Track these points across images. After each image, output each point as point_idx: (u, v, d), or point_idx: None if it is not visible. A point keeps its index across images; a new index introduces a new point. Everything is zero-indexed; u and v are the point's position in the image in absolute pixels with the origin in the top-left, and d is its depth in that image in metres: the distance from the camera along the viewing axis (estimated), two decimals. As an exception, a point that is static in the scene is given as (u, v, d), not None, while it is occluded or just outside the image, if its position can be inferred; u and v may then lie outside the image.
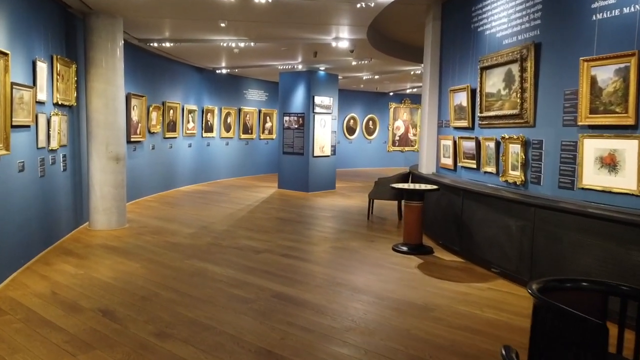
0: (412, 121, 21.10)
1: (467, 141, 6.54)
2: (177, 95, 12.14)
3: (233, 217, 8.75)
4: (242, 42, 9.09)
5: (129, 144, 9.66)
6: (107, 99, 7.28)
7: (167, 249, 6.35)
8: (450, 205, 6.45)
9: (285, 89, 12.65)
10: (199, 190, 12.35)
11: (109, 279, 5.05)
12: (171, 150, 11.94)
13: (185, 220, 8.39)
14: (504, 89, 5.70)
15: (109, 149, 7.33)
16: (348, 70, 12.84)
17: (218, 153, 14.37)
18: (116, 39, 7.39)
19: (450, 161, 7.06)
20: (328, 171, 12.75)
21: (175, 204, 10.10)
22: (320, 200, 11.10)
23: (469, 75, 6.51)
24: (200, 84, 13.40)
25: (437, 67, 7.52)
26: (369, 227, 8.14)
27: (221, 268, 5.54)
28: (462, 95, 6.62)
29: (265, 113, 16.13)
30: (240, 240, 6.90)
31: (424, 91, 7.77)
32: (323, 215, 9.13)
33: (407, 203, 6.41)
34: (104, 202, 7.38)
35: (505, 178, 5.67)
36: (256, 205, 10.09)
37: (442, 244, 6.72)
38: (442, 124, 7.38)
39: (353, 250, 6.52)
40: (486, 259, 5.68)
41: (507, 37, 5.70)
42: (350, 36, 8.66)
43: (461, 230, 6.15)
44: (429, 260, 6.05)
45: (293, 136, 12.48)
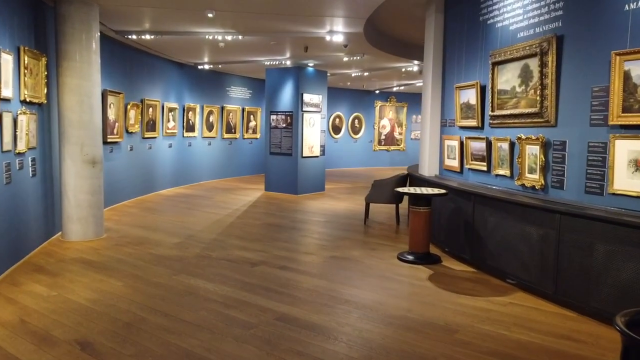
0: (397, 120, 20.74)
1: (475, 142, 6.11)
2: (157, 92, 11.48)
3: (221, 223, 8.18)
4: (229, 35, 8.51)
5: (106, 145, 8.99)
6: (81, 96, 6.64)
7: (151, 263, 5.76)
8: (458, 210, 6.02)
9: (272, 86, 12.09)
10: (181, 193, 11.71)
11: (86, 302, 4.45)
12: (150, 151, 11.28)
13: (169, 228, 7.79)
14: (519, 86, 5.28)
15: (84, 151, 6.69)
16: (338, 66, 12.35)
17: (200, 154, 13.73)
18: (91, 29, 6.74)
19: (456, 163, 6.62)
20: (317, 172, 12.25)
21: (156, 210, 9.46)
22: (310, 203, 10.58)
23: (477, 71, 6.08)
24: (181, 80, 12.75)
25: (439, 62, 7.08)
26: (367, 233, 7.67)
27: (214, 285, 4.98)
28: (470, 93, 6.18)
29: (249, 111, 15.54)
30: (232, 251, 6.35)
31: (425, 88, 7.32)
32: (316, 220, 8.63)
33: (412, 209, 5.95)
34: (79, 210, 6.73)
35: (521, 182, 5.24)
36: (244, 210, 9.53)
37: (449, 252, 6.28)
38: (447, 123, 6.94)
39: (355, 260, 6.03)
40: (501, 269, 5.26)
41: (523, 29, 5.27)
42: (345, 29, 8.16)
43: (472, 237, 5.72)
44: (438, 271, 5.60)
45: (281, 136, 11.93)
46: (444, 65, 7.03)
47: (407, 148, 20.95)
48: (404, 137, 20.93)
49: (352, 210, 9.61)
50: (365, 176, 16.65)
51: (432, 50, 7.08)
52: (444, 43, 7.01)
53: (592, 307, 4.17)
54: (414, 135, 21.10)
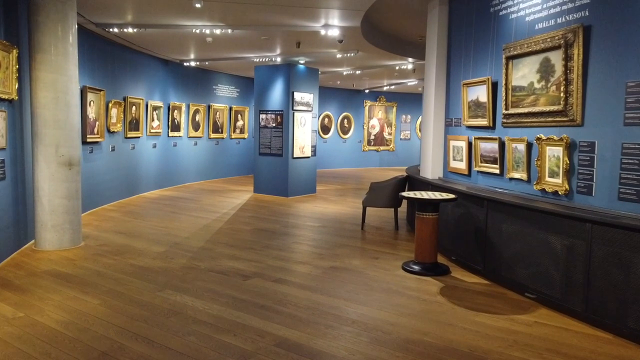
0: (387, 120, 20.34)
1: (486, 142, 5.67)
2: (141, 90, 10.87)
3: (209, 229, 7.63)
4: (218, 29, 7.97)
5: (85, 145, 8.40)
6: (57, 92, 6.06)
7: (133, 276, 5.21)
8: (468, 216, 5.57)
9: (262, 84, 11.56)
10: (165, 196, 11.11)
11: (57, 325, 3.89)
12: (134, 151, 10.67)
13: (152, 234, 7.22)
14: (538, 82, 4.84)
15: (60, 152, 6.11)
16: (329, 64, 11.86)
17: (186, 154, 13.14)
18: (68, 19, 6.15)
19: (463, 165, 6.18)
20: (308, 174, 11.75)
21: (139, 214, 8.88)
22: (302, 206, 10.08)
23: (488, 66, 5.64)
24: (166, 77, 12.15)
25: (444, 58, 6.63)
26: (366, 239, 7.19)
27: (204, 302, 4.46)
28: (479, 90, 5.74)
29: (236, 110, 14.97)
30: (222, 261, 5.82)
31: (428, 86, 6.87)
32: (311, 226, 8.12)
33: (419, 215, 5.48)
34: (54, 216, 6.15)
35: (541, 186, 4.81)
36: (233, 214, 8.99)
37: (457, 261, 5.83)
38: (452, 123, 6.49)
39: (357, 271, 5.55)
40: (518, 281, 4.82)
41: (541, 20, 4.84)
42: (341, 23, 7.68)
43: (484, 246, 5.27)
44: (449, 283, 5.14)
45: (270, 136, 11.40)
46: (448, 61, 6.59)
47: (396, 148, 20.56)
48: (394, 138, 20.53)
49: (347, 214, 9.13)
50: (356, 177, 16.21)
51: (436, 45, 6.63)
52: (449, 37, 6.57)
53: (630, 329, 3.74)
54: (403, 135, 20.73)
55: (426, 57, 7.00)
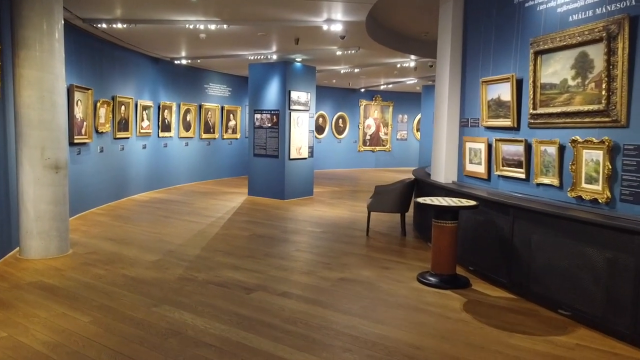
0: (383, 119, 19.96)
1: (509, 144, 5.27)
2: (130, 89, 10.34)
3: (204, 235, 7.14)
4: (213, 24, 7.48)
5: (72, 147, 7.87)
6: (42, 91, 5.55)
7: (125, 288, 4.72)
8: (490, 224, 5.16)
9: (256, 82, 11.08)
10: (156, 198, 10.58)
11: (44, 347, 3.40)
12: (123, 152, 10.13)
13: (145, 241, 6.72)
14: (573, 79, 4.45)
15: (46, 154, 5.59)
16: (327, 62, 11.42)
17: (177, 155, 12.61)
18: (54, 14, 5.64)
19: (481, 169, 5.77)
20: (305, 175, 11.29)
21: (129, 218, 8.35)
22: (300, 210, 9.62)
23: (512, 62, 5.24)
24: (156, 76, 11.61)
25: (458, 54, 6.23)
26: (373, 246, 6.76)
27: (205, 320, 3.99)
28: (501, 88, 5.34)
29: (228, 110, 14.47)
30: (222, 272, 5.35)
31: (441, 84, 6.46)
32: (312, 231, 7.67)
33: (437, 223, 5.06)
34: (40, 223, 5.63)
35: (576, 193, 4.41)
36: (228, 218, 8.50)
37: (476, 272, 5.42)
38: (468, 123, 6.09)
39: (368, 283, 5.11)
40: (549, 296, 4.41)
41: (576, 11, 4.45)
42: (345, 18, 7.24)
43: (510, 257, 4.86)
44: (471, 298, 4.73)
45: (266, 136, 10.93)
46: (464, 57, 6.18)
47: (393, 149, 20.19)
48: (390, 138, 20.15)
49: (348, 219, 8.70)
50: (352, 178, 15.79)
51: (450, 40, 6.22)
52: (464, 31, 6.17)
53: (689, 353, 3.35)
54: (400, 135, 20.36)
55: (438, 54, 6.59)
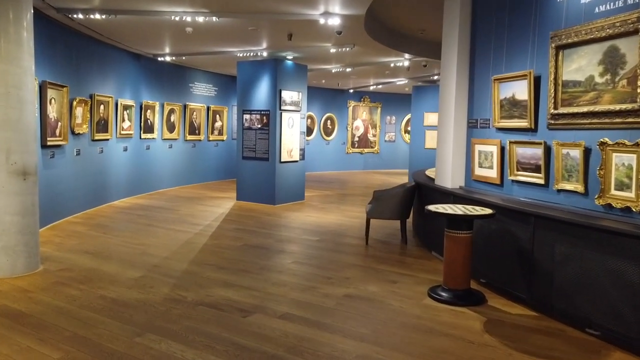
0: (371, 121, 19.55)
1: (525, 147, 4.85)
2: (110, 87, 9.73)
3: (192, 247, 6.61)
4: (201, 16, 6.95)
5: (45, 150, 7.27)
6: (7, 87, 4.97)
7: (104, 314, 4.18)
8: (505, 233, 4.73)
9: (245, 81, 10.56)
10: (138, 204, 9.99)
11: (1, 398, 2.87)
12: (102, 155, 9.53)
13: (126, 254, 6.16)
14: (601, 75, 4.04)
15: (12, 159, 5.02)
16: (319, 60, 10.95)
17: (160, 158, 12.01)
18: (20, 1, 5.08)
19: (493, 173, 5.35)
20: (297, 179, 10.80)
21: (109, 228, 7.77)
22: (293, 216, 9.12)
23: (529, 58, 4.82)
24: (138, 73, 11.01)
25: (466, 50, 5.80)
26: (374, 256, 6.30)
27: (197, 352, 3.47)
28: (517, 86, 4.92)
29: (214, 110, 13.91)
30: (213, 290, 4.83)
31: (446, 82, 6.03)
32: (308, 240, 7.18)
33: (450, 233, 4.63)
34: (5, 237, 5.05)
35: (604, 200, 4.00)
36: (217, 226, 7.97)
37: (489, 285, 4.99)
38: (477, 124, 5.66)
39: (376, 300, 4.65)
40: (576, 314, 4.00)
41: (604, 1, 4.04)
42: (343, 11, 6.77)
43: (530, 271, 4.44)
44: (490, 316, 4.29)
45: (255, 138, 10.41)
46: (472, 54, 5.76)
47: (381, 150, 19.80)
48: (378, 139, 19.75)
49: (344, 225, 8.23)
50: (342, 181, 15.34)
51: (457, 36, 5.79)
52: (473, 26, 5.75)
53: None
54: (388, 137, 19.97)
55: (443, 51, 6.16)
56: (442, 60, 6.19)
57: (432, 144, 15.27)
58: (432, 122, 15.27)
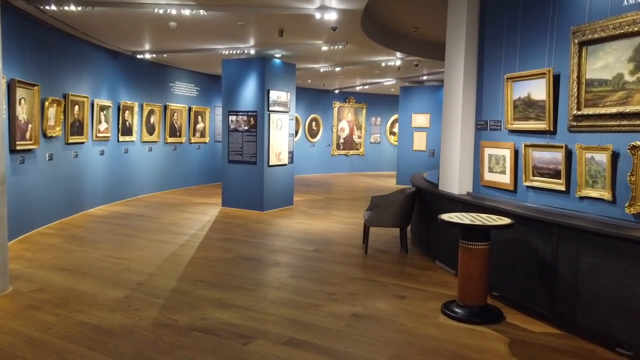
0: (357, 122, 19.20)
1: (543, 151, 4.51)
2: (85, 86, 9.15)
3: (179, 260, 6.12)
4: (187, 9, 6.46)
5: (14, 154, 6.69)
6: (-29, 86, 4.44)
7: (84, 344, 3.68)
8: (523, 243, 4.39)
9: (231, 80, 10.07)
10: (117, 213, 9.41)
11: None
12: (77, 160, 8.93)
13: (106, 270, 5.64)
14: (631, 73, 3.72)
15: (-23, 167, 4.48)
16: (308, 59, 10.53)
17: (139, 161, 11.42)
18: (-14, -10, 4.55)
19: (505, 178, 5.01)
20: (285, 184, 10.36)
21: (86, 239, 7.22)
22: (283, 223, 8.68)
23: (547, 55, 4.49)
24: (116, 72, 10.42)
25: (474, 47, 5.46)
26: (377, 268, 5.90)
27: (195, 393, 3.03)
28: (532, 85, 4.58)
29: (196, 111, 13.36)
30: (207, 311, 4.37)
31: (452, 82, 5.68)
32: (302, 250, 6.75)
33: (465, 245, 4.26)
34: (-31, 255, 4.51)
35: (636, 209, 3.68)
36: (204, 236, 7.48)
37: (503, 298, 4.64)
38: (486, 126, 5.32)
39: (388, 319, 4.25)
40: (604, 332, 3.67)
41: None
42: (340, 5, 6.36)
43: (552, 284, 4.09)
44: (513, 336, 3.93)
45: (242, 140, 9.93)
46: (481, 51, 5.42)
47: (366, 152, 19.47)
48: (363, 141, 19.42)
49: (338, 232, 7.83)
50: (328, 185, 14.95)
51: (464, 32, 5.44)
52: (482, 22, 5.41)
53: None
54: (373, 139, 19.65)
55: (448, 48, 5.81)
56: (446, 58, 5.84)
57: (420, 145, 15.02)
58: (420, 124, 15.02)
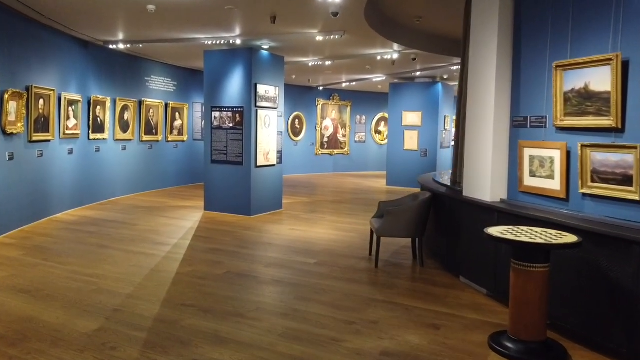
0: (341, 120, 18.43)
1: (607, 152, 3.80)
2: (51, 78, 8.12)
3: (161, 277, 5.21)
4: (170, -13, 5.57)
5: (-35, 155, 5.68)
6: None
7: (44, 404, 2.79)
8: (588, 265, 3.66)
9: (214, 73, 9.16)
10: (87, 218, 8.40)
11: None
12: (42, 159, 7.90)
13: (74, 291, 4.70)
14: None
15: None
16: (297, 51, 9.68)
17: (112, 161, 10.39)
18: None
19: (554, 184, 4.28)
20: (274, 186, 9.50)
21: (51, 251, 6.23)
22: (275, 230, 7.83)
23: (611, 37, 3.77)
24: (86, 63, 9.39)
25: (508, 30, 4.72)
26: (394, 286, 5.11)
27: None
28: (591, 74, 3.86)
29: (173, 107, 12.37)
30: (202, 349, 3.50)
31: (480, 72, 4.93)
32: (303, 264, 5.91)
33: (518, 266, 3.51)
34: None
35: None
36: (188, 246, 6.58)
37: (560, 328, 3.90)
38: (527, 123, 4.59)
39: (425, 358, 3.46)
40: None
41: None
42: (347, -16, 5.57)
43: (632, 317, 3.37)
44: (586, 380, 3.21)
45: (227, 139, 9.03)
46: (517, 35, 4.69)
47: (351, 152, 18.72)
48: (348, 140, 18.67)
49: (338, 241, 7.03)
50: (314, 186, 14.16)
51: (498, 12, 4.69)
52: (518, 1, 4.68)
53: None
54: (358, 137, 18.92)
55: (473, 33, 5.06)
56: (472, 45, 5.09)
57: (412, 145, 14.32)
58: (412, 122, 14.33)
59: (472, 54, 5.11)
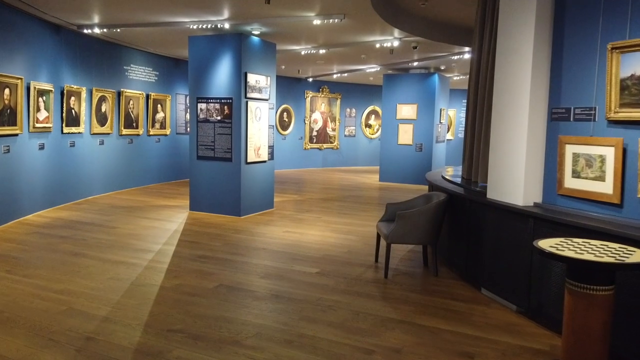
0: (330, 113, 17.76)
1: (676, 150, 3.21)
2: (18, 66, 7.29)
3: (143, 293, 4.51)
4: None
5: None
6: None
7: None
8: (653, 284, 3.08)
9: (200, 61, 8.40)
10: (60, 220, 7.61)
11: None
12: (8, 155, 7.10)
13: (41, 312, 3.98)
14: None
15: None
16: (290, 37, 8.97)
17: (88, 157, 9.58)
18: None
19: (604, 187, 3.68)
20: (265, 184, 8.81)
21: (17, 260, 5.47)
22: (269, 232, 7.14)
23: (685, 13, 3.17)
24: (58, 50, 8.56)
25: (547, 6, 4.10)
26: (409, 301, 4.49)
27: None
28: (659, 57, 3.27)
29: (155, 99, 11.56)
30: (195, 398, 2.84)
31: (511, 55, 4.31)
32: (304, 273, 5.26)
33: (574, 288, 2.91)
34: None
35: None
36: (173, 253, 5.87)
37: (618, 357, 3.33)
38: (570, 115, 3.98)
39: (467, 400, 2.85)
40: None
41: None
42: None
43: None
44: None
45: (214, 133, 8.30)
46: (559, 13, 4.07)
47: (341, 146, 18.08)
48: (338, 134, 18.02)
49: (339, 245, 6.39)
50: (305, 182, 13.50)
51: (533, -11, 4.07)
52: (559, -26, 4.06)
53: None
54: (348, 131, 18.28)
55: (502, 13, 4.44)
56: (500, 26, 4.47)
57: (407, 139, 13.72)
58: (406, 115, 13.71)
59: (499, 37, 4.48)
